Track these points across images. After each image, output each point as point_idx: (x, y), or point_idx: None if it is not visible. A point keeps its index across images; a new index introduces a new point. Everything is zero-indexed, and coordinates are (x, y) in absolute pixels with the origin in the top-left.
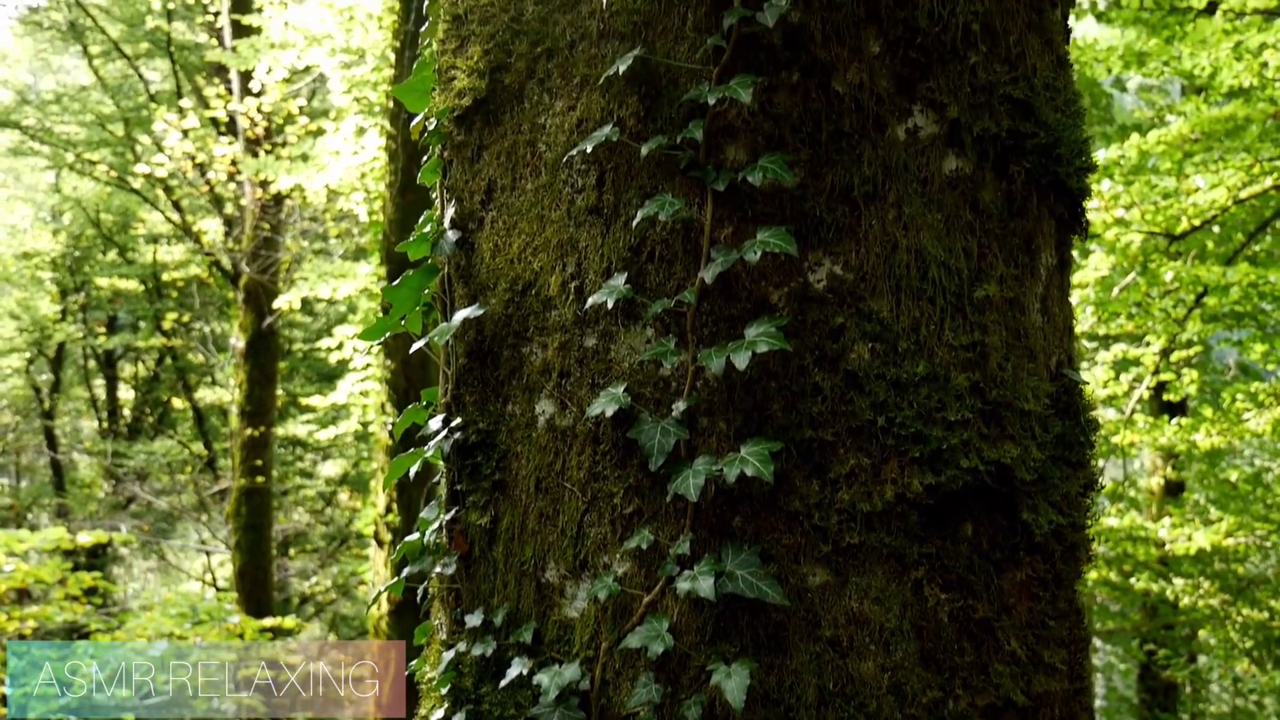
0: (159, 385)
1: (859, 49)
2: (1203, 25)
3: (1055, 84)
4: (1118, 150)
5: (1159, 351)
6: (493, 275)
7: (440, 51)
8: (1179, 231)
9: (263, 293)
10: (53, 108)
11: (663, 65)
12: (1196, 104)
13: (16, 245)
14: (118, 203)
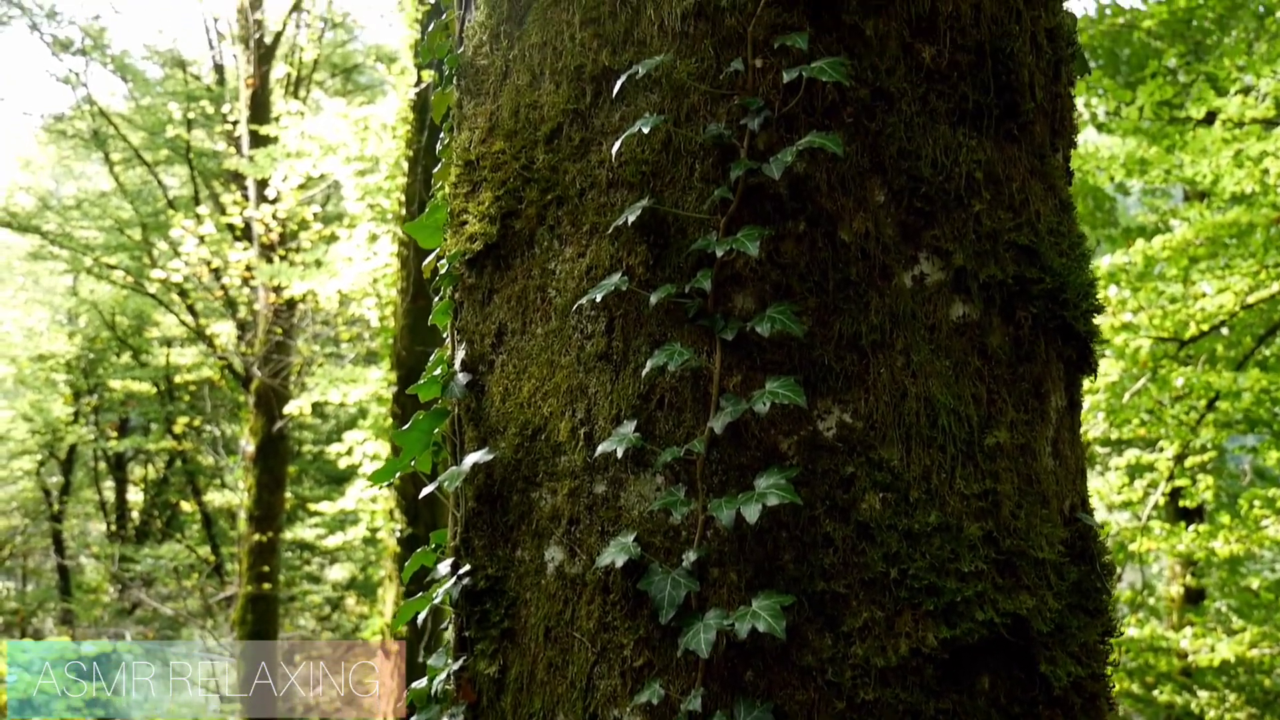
0: (168, 488)
1: (864, 199)
2: (1202, 135)
3: (1059, 228)
4: (1123, 256)
5: (1173, 457)
6: (503, 419)
7: (453, 195)
8: (1188, 336)
9: (274, 397)
10: (73, 213)
11: (671, 215)
12: (1200, 210)
13: (33, 347)
14: (133, 306)
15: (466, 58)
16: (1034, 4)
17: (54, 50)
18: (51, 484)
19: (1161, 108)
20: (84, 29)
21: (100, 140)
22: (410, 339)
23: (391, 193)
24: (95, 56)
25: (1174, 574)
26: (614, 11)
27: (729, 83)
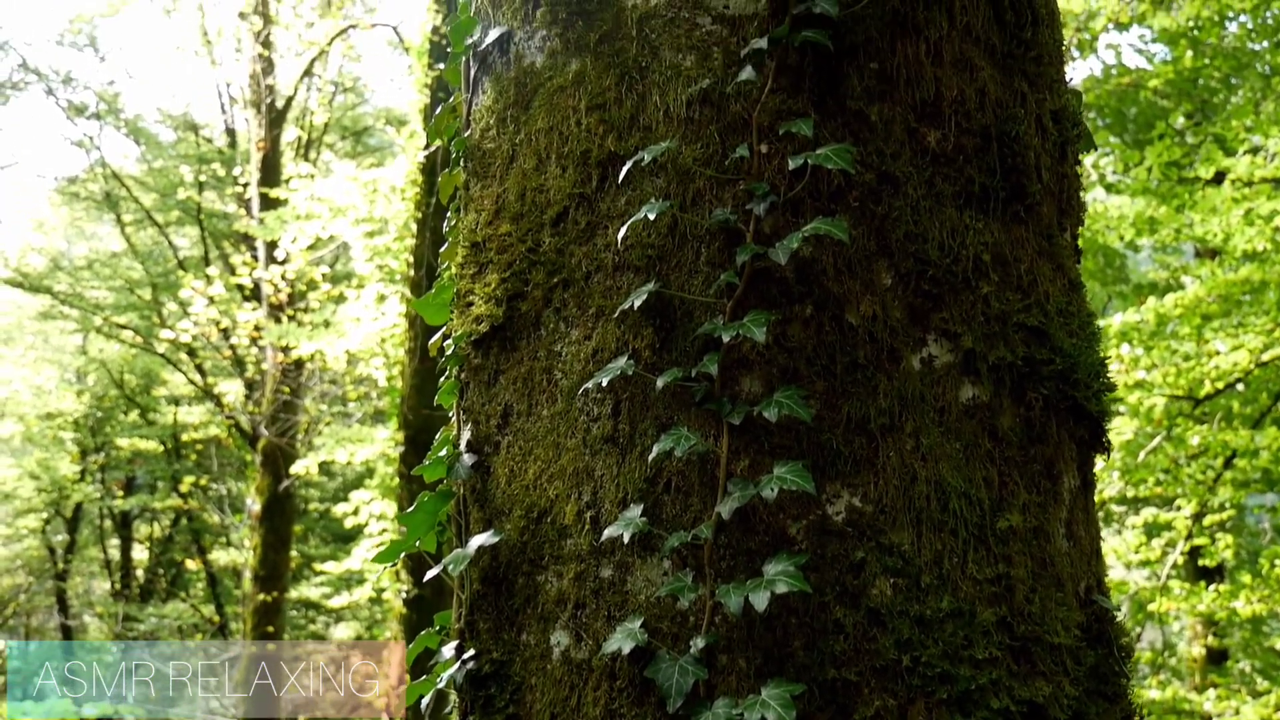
0: (173, 547)
1: (871, 282)
2: (1212, 194)
3: (1068, 308)
4: (1135, 314)
5: (1191, 516)
6: (508, 501)
7: (459, 275)
8: (1202, 394)
9: (280, 456)
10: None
11: (677, 298)
12: (1211, 268)
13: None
14: (142, 365)
15: (474, 141)
16: (1038, 87)
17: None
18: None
19: (1170, 168)
20: (99, 94)
21: (112, 202)
22: (418, 399)
23: (400, 254)
24: (109, 120)
25: (1195, 634)
26: (619, 98)
27: (735, 168)
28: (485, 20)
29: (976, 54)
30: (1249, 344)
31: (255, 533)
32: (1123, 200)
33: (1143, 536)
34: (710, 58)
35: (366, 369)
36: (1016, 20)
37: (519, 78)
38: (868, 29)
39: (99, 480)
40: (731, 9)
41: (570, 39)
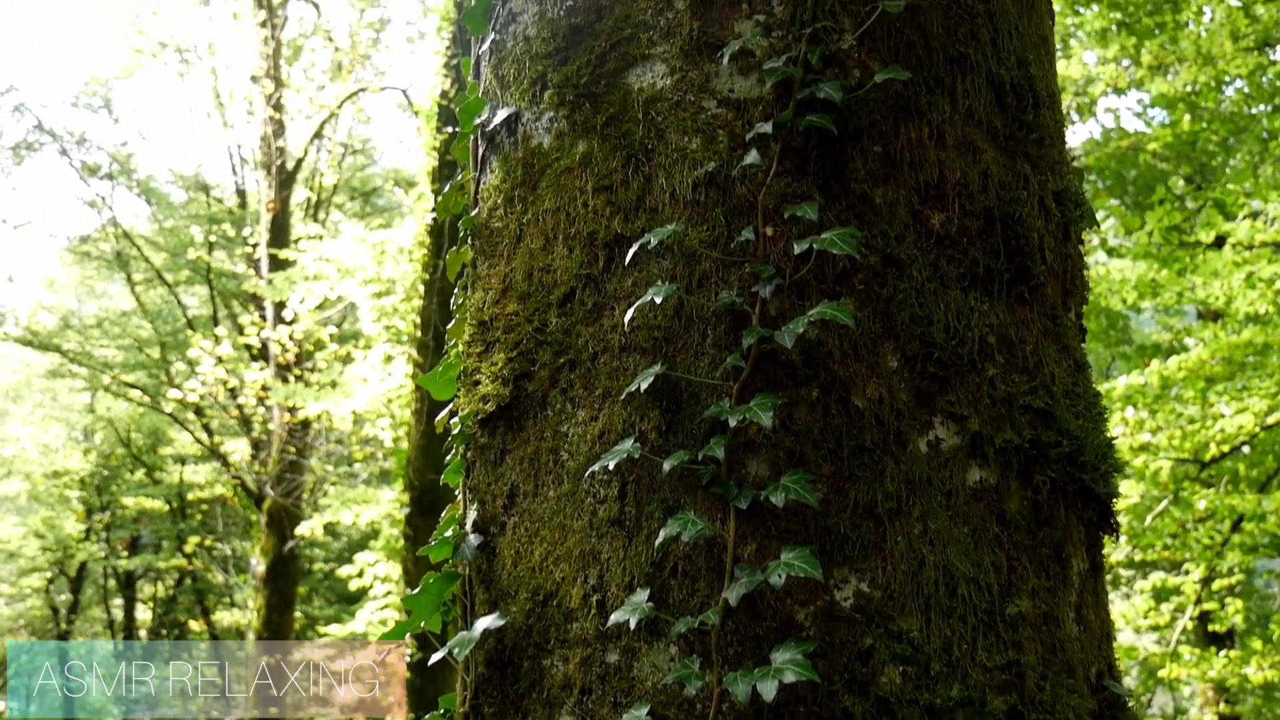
0: (176, 607)
1: (877, 364)
2: (1213, 258)
3: (1075, 390)
4: (1139, 376)
5: (1200, 580)
6: (514, 583)
7: (466, 354)
8: (1208, 458)
9: (285, 516)
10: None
11: (684, 380)
12: (1214, 330)
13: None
14: (149, 423)
15: (481, 219)
16: (1041, 168)
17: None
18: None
19: (1171, 232)
20: (112, 154)
21: (123, 261)
22: (423, 460)
23: (407, 315)
24: (121, 180)
25: (1206, 700)
26: (626, 180)
27: (740, 250)
28: (493, 100)
29: (979, 137)
30: (1253, 407)
31: (259, 594)
32: (1124, 263)
33: (1151, 601)
34: (716, 141)
35: (373, 429)
36: (1018, 103)
37: (526, 158)
38: (871, 113)
39: (104, 539)
40: (736, 93)
41: (577, 121)
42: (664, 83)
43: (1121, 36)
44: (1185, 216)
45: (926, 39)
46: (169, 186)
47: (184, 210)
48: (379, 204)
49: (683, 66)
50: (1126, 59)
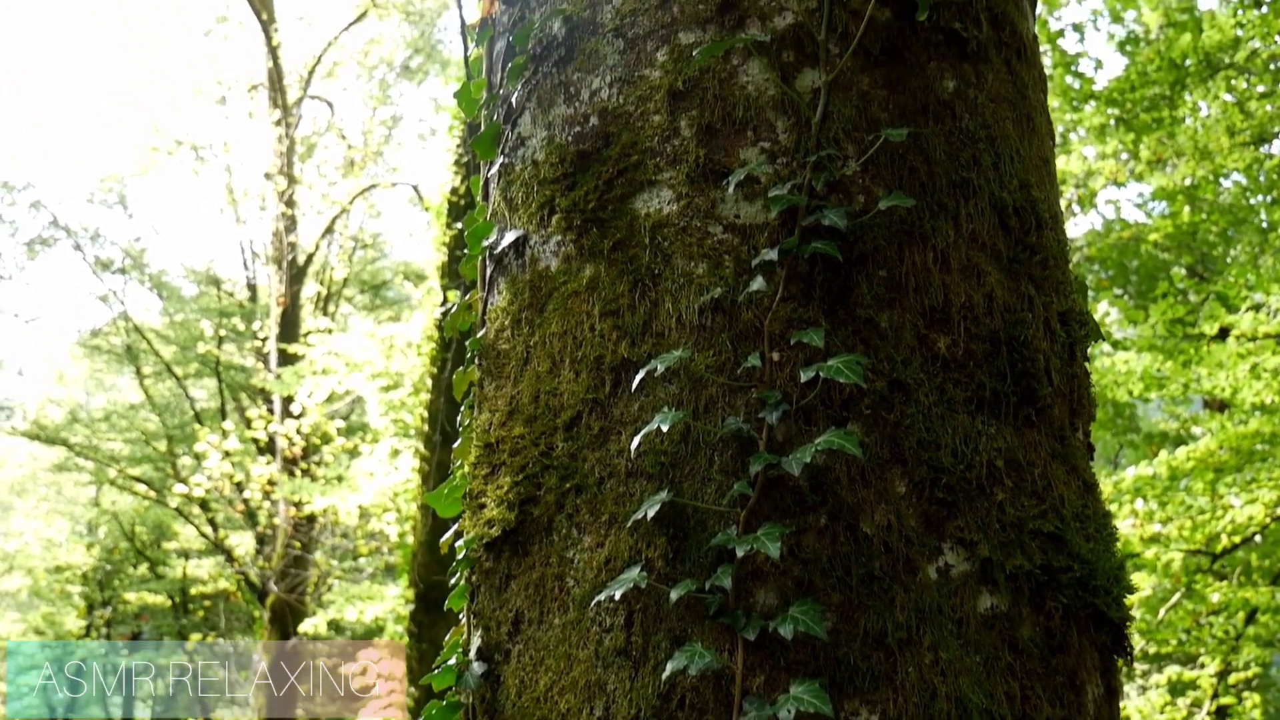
0: (176, 705)
1: (885, 490)
2: (1218, 350)
3: (1085, 512)
4: (1147, 467)
5: (1215, 674)
6: (519, 714)
7: (472, 475)
8: (1219, 549)
9: (289, 612)
10: (101, 425)
11: (690, 507)
12: (1221, 421)
13: (51, 559)
14: (153, 517)
15: (488, 340)
16: (1045, 290)
17: (95, 269)
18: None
19: (1175, 325)
20: (125, 249)
21: (133, 354)
22: (429, 556)
23: (415, 409)
24: (134, 275)
25: None
26: (633, 305)
27: (747, 376)
28: (501, 222)
29: (983, 260)
30: (1263, 498)
31: (261, 691)
32: (1130, 355)
33: (1168, 695)
34: (722, 266)
35: (378, 524)
36: (1021, 225)
37: (534, 281)
38: (876, 238)
39: (104, 635)
40: (742, 218)
41: (585, 245)
42: (670, 208)
43: (1120, 132)
44: (1189, 309)
45: (929, 165)
46: (181, 280)
47: (195, 304)
48: (388, 296)
49: (689, 192)
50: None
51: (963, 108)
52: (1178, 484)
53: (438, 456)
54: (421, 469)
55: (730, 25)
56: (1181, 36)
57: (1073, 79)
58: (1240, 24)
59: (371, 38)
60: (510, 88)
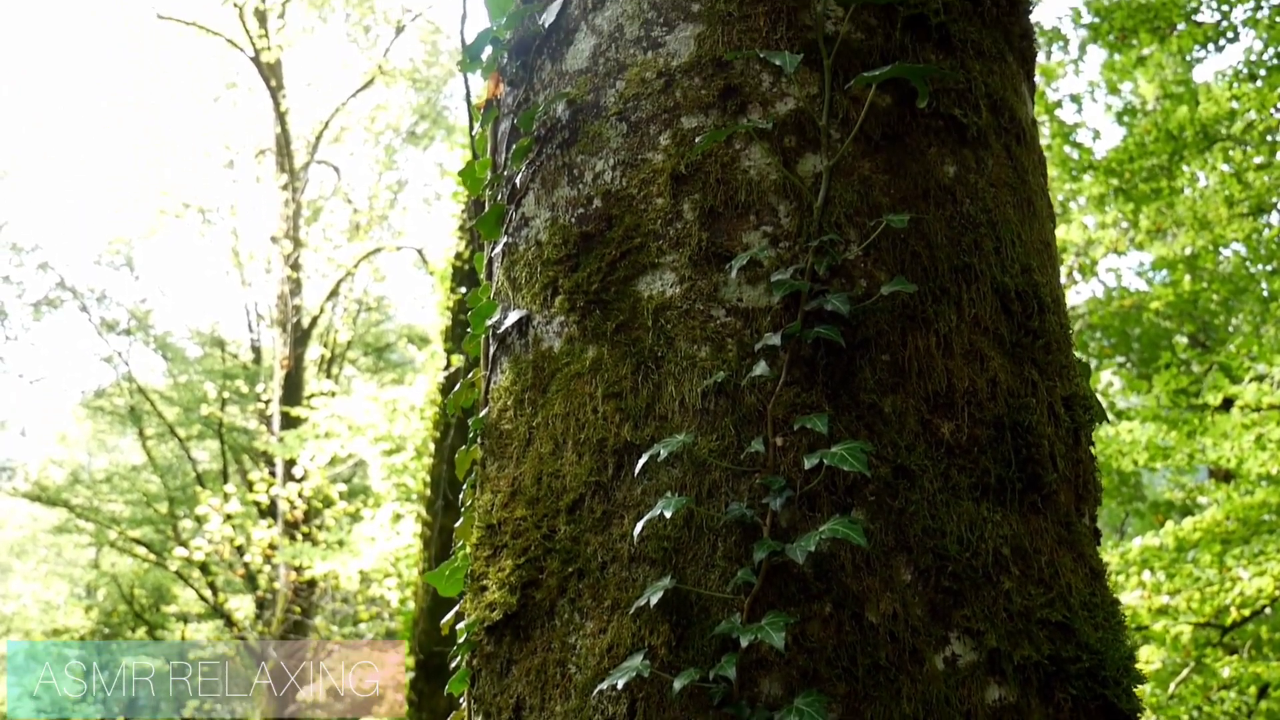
0: None
1: (890, 578)
2: (1222, 420)
3: (1093, 600)
4: (1154, 537)
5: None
6: None
7: (474, 557)
8: (1229, 622)
9: (288, 678)
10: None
11: (694, 594)
12: (1227, 492)
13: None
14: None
15: (491, 420)
16: (1048, 374)
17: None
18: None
19: (1178, 395)
20: (131, 310)
21: (136, 416)
22: (430, 623)
23: (417, 473)
24: (139, 336)
25: None
26: (635, 387)
27: (750, 461)
28: (505, 301)
29: (986, 344)
30: (1272, 570)
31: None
32: (1133, 425)
33: None
34: (725, 349)
35: (379, 590)
36: (1023, 310)
37: (537, 361)
38: (878, 322)
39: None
40: (745, 302)
41: (588, 326)
42: (673, 291)
43: (1119, 202)
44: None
45: (931, 249)
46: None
47: (199, 365)
48: (392, 359)
49: (692, 275)
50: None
51: (964, 192)
52: (1185, 555)
53: (440, 522)
54: (423, 534)
55: (732, 110)
56: (1178, 108)
57: (1071, 149)
58: (1236, 97)
59: (378, 104)
60: (515, 168)
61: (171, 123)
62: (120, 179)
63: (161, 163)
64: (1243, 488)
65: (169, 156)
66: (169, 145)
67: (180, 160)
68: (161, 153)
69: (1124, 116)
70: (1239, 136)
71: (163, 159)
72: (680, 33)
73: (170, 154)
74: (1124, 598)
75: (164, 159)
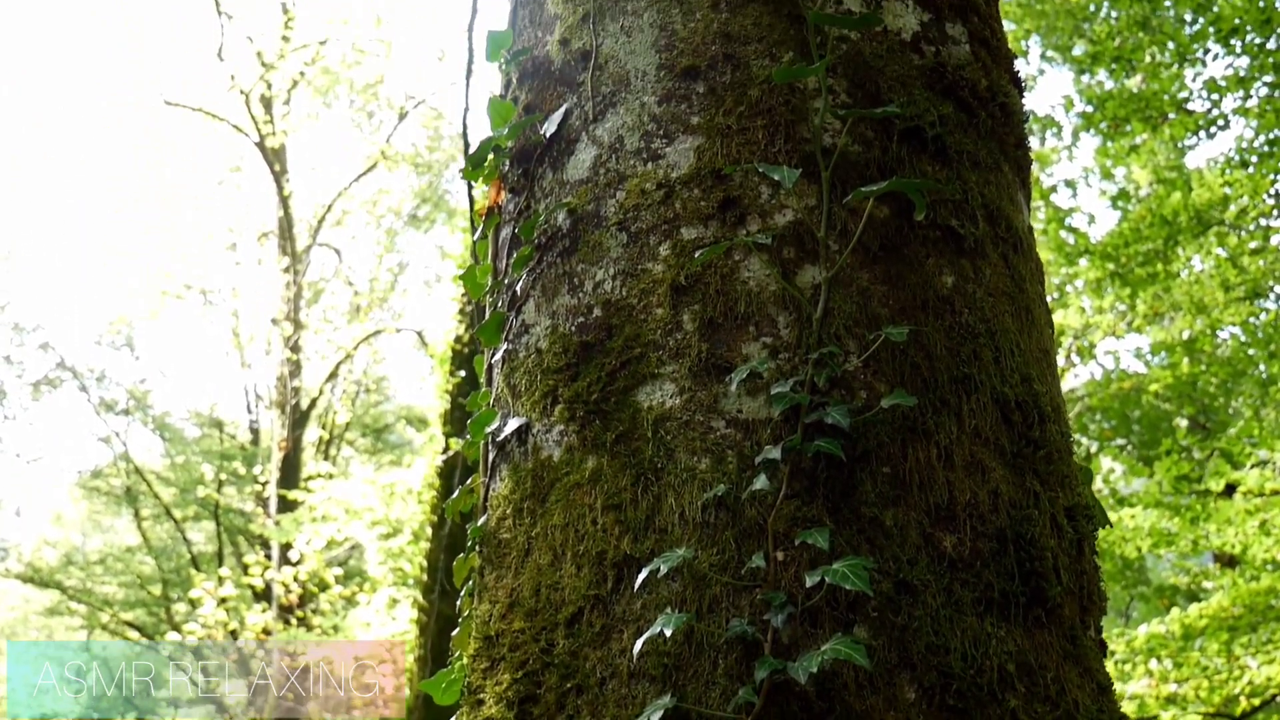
0: None
1: (894, 697)
2: (1225, 507)
3: (1100, 716)
4: (1160, 625)
5: None
6: None
7: (471, 668)
8: (1239, 712)
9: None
10: (96, 568)
11: (694, 712)
12: (1233, 578)
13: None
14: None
15: (490, 528)
16: (1050, 485)
17: (99, 410)
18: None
19: (1180, 481)
20: (130, 390)
21: (132, 497)
22: (426, 712)
23: (414, 558)
24: (137, 416)
25: None
26: (635, 499)
27: (751, 576)
28: (504, 408)
29: (987, 455)
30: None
31: None
32: (1136, 511)
33: None
34: (725, 461)
35: (374, 677)
36: (1024, 420)
37: (536, 470)
38: (879, 434)
39: None
40: (745, 413)
41: (588, 436)
42: (673, 402)
43: (1116, 286)
44: (1193, 466)
45: (930, 360)
46: (183, 422)
47: (196, 446)
48: (390, 440)
49: (691, 386)
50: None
51: (962, 303)
52: (1192, 643)
53: (437, 608)
54: (419, 620)
55: (732, 222)
56: (1172, 194)
57: (1067, 234)
58: (1228, 183)
59: (381, 188)
60: (515, 276)
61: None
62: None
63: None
64: (1248, 574)
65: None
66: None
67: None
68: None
69: (1118, 201)
70: (1233, 222)
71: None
72: (680, 145)
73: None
74: (1131, 686)
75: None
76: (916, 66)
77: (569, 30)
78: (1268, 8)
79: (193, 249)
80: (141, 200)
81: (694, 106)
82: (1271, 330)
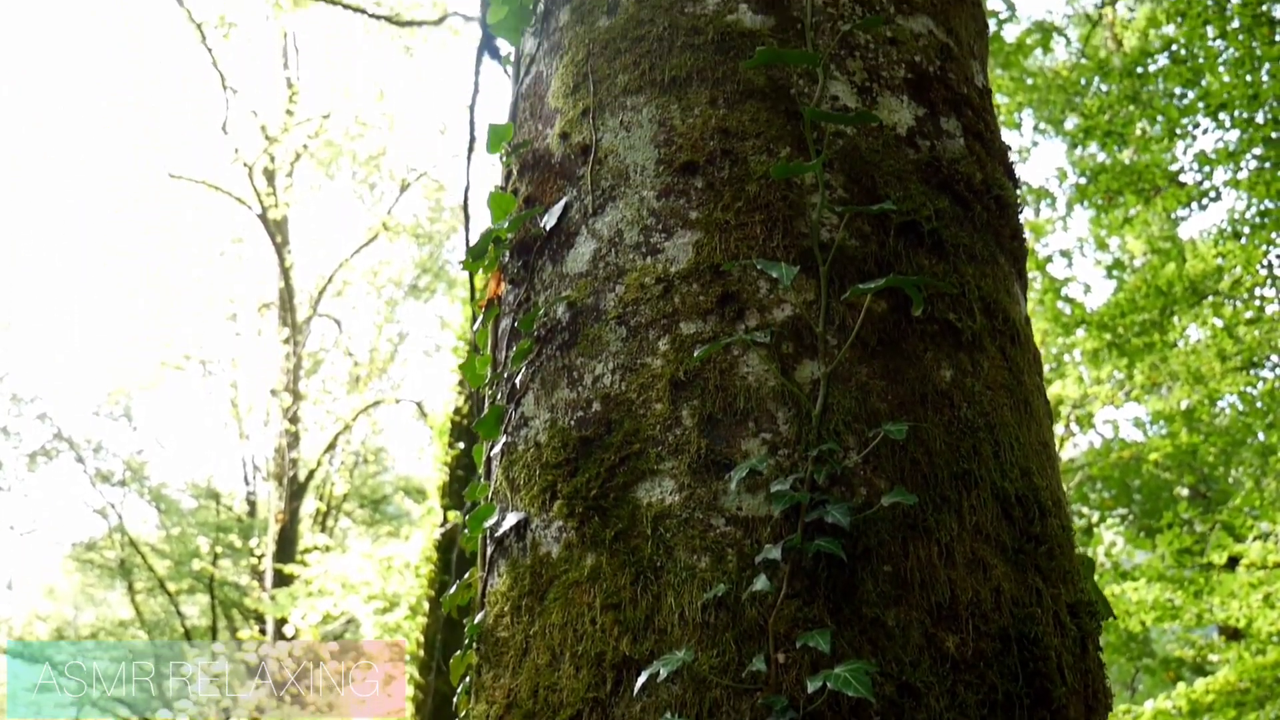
0: None
1: None
2: (1228, 580)
3: None
4: (1167, 700)
5: None
6: None
7: None
8: None
9: None
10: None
11: None
12: (1239, 651)
13: None
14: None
15: (487, 625)
16: (1053, 581)
17: (94, 481)
18: None
19: (1183, 555)
20: (126, 461)
21: (126, 569)
22: None
23: (411, 632)
24: (133, 487)
25: None
26: (635, 598)
27: (752, 678)
28: (503, 502)
29: (988, 552)
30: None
31: None
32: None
33: None
34: (725, 560)
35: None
36: (1024, 515)
37: (535, 566)
38: (879, 532)
39: None
40: (745, 511)
41: (586, 533)
42: (672, 499)
43: (1113, 356)
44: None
45: (930, 456)
46: (180, 494)
47: (193, 517)
48: (388, 512)
49: (691, 483)
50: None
51: (961, 397)
52: (1199, 719)
53: (433, 685)
54: (416, 697)
55: (730, 317)
56: (1166, 265)
57: (1064, 304)
58: (1221, 254)
59: (382, 259)
60: (515, 368)
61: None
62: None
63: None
64: (1254, 647)
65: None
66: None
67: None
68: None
69: (1113, 271)
70: (1228, 292)
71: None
72: (679, 239)
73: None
74: None
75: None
76: (912, 161)
77: (569, 124)
78: (1255, 83)
79: (193, 320)
80: (143, 271)
81: (693, 201)
82: (1269, 399)
